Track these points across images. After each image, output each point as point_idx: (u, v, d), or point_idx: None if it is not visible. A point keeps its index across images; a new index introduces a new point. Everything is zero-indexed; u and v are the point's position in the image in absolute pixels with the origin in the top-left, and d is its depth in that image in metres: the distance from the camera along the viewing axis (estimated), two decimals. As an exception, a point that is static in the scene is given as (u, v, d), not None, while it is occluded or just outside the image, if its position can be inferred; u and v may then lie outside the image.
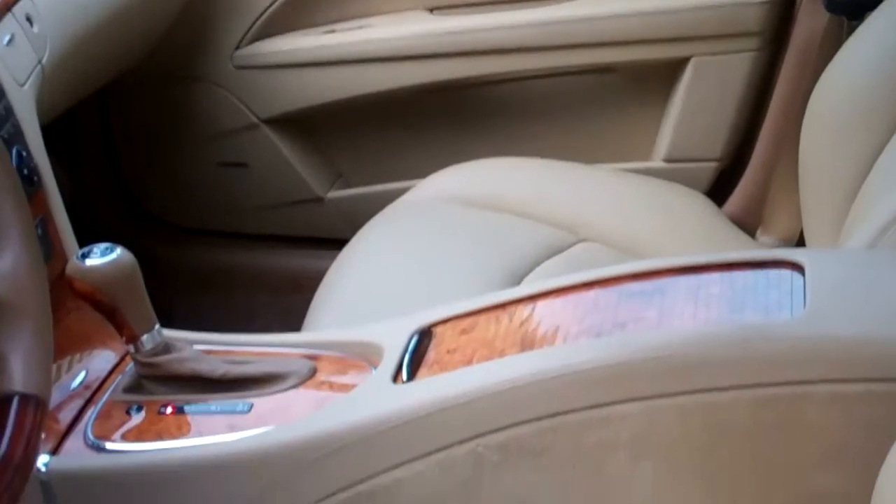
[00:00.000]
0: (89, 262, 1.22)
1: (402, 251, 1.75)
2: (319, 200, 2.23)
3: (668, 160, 2.08)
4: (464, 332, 1.23)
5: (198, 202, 2.30)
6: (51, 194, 1.40)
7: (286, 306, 1.80)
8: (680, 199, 1.95)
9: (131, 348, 1.26)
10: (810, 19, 1.94)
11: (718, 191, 2.06)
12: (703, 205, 1.96)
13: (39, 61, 1.56)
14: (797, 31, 1.97)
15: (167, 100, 2.24)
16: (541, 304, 1.23)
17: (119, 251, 1.23)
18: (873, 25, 1.61)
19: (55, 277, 1.30)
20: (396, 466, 1.13)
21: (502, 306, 1.25)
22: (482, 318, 1.25)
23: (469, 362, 1.17)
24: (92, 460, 1.20)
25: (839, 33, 1.85)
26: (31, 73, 1.52)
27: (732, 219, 1.96)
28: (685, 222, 1.89)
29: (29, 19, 1.57)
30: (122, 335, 1.25)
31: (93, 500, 1.19)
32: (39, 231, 1.36)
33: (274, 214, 2.27)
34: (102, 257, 1.23)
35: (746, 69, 2.01)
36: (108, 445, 1.21)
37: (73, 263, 1.23)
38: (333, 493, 1.14)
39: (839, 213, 1.51)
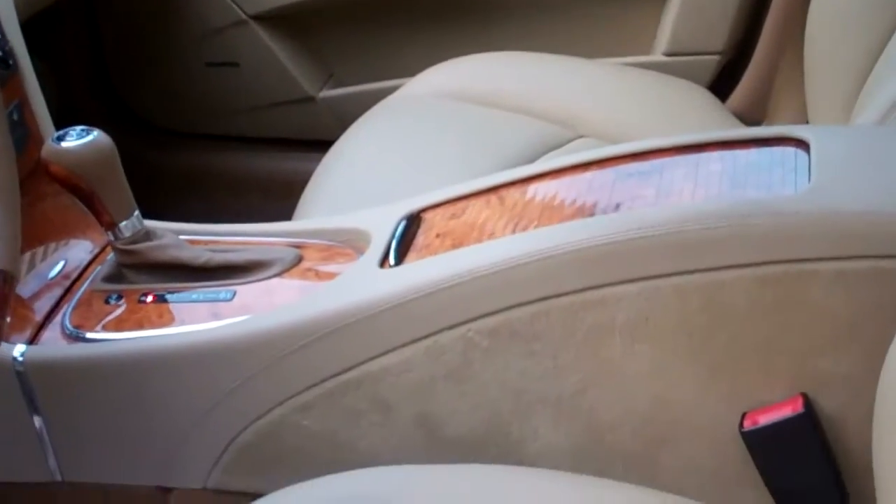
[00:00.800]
0: (65, 144, 1.18)
1: (393, 145, 1.70)
2: (311, 100, 2.19)
3: (668, 53, 2.03)
4: (453, 216, 1.19)
5: (186, 104, 2.25)
6: (27, 78, 1.35)
7: (277, 210, 1.75)
8: (681, 94, 1.90)
9: (110, 235, 1.22)
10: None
11: (721, 84, 2.00)
12: (706, 99, 1.91)
13: None
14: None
15: None
16: (533, 186, 1.19)
17: (96, 133, 1.19)
18: None
19: (32, 163, 1.27)
20: (383, 353, 1.09)
21: (493, 189, 1.21)
22: (472, 202, 1.21)
23: (459, 246, 1.13)
24: (70, 350, 1.17)
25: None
26: None
27: (736, 113, 1.91)
28: (687, 117, 1.84)
29: None
30: (100, 222, 1.21)
31: (71, 391, 1.16)
32: (15, 116, 1.32)
33: (264, 115, 2.22)
34: (78, 139, 1.18)
35: None
36: (87, 335, 1.18)
37: (48, 146, 1.19)
38: (318, 383, 1.11)
39: (847, 103, 1.46)
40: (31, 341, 1.18)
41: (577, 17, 2.09)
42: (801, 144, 1.12)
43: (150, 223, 1.26)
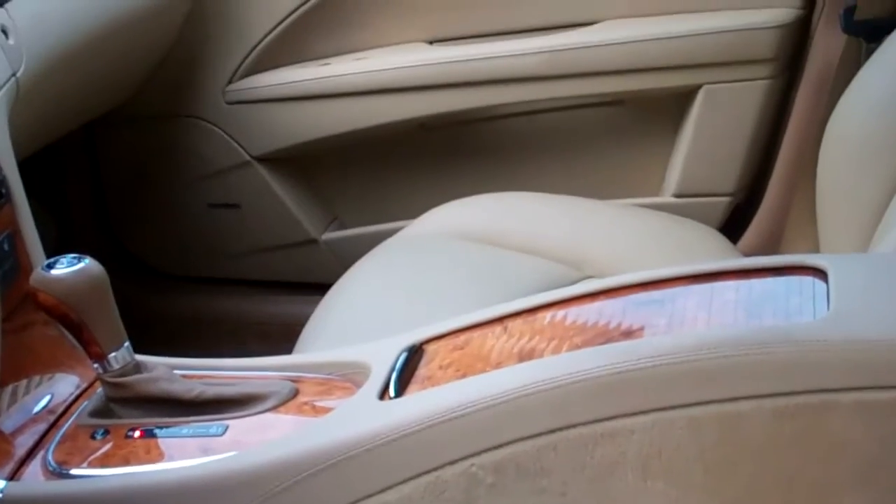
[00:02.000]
0: (54, 272, 1.15)
1: (395, 283, 1.67)
2: (314, 242, 2.17)
3: (679, 195, 2.01)
4: (457, 347, 1.15)
5: (187, 246, 2.23)
6: (20, 208, 1.33)
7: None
8: (692, 235, 1.88)
9: (99, 367, 1.18)
10: (827, 43, 1.89)
11: (733, 226, 1.99)
12: (717, 241, 1.88)
13: (14, 74, 1.51)
14: (813, 55, 1.91)
15: (156, 138, 2.17)
16: (540, 316, 1.15)
17: (87, 261, 1.16)
18: (892, 47, 1.55)
19: (21, 295, 1.24)
20: (381, 490, 1.04)
21: (499, 320, 1.17)
22: (477, 332, 1.16)
23: (463, 377, 1.08)
24: (52, 487, 1.12)
25: (857, 57, 1.80)
26: (4, 85, 1.47)
27: (748, 256, 1.88)
28: (698, 259, 1.81)
29: (3, 30, 1.53)
30: (88, 353, 1.17)
31: (52, 530, 1.10)
32: (6, 246, 1.29)
33: (266, 258, 2.20)
34: (69, 267, 1.15)
35: (760, 97, 1.95)
36: (71, 471, 1.13)
37: (37, 274, 1.15)
38: None
39: (861, 243, 1.43)
40: (12, 477, 1.13)
41: (585, 158, 2.08)
42: (819, 273, 1.09)
43: (142, 357, 1.22)
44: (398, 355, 1.15)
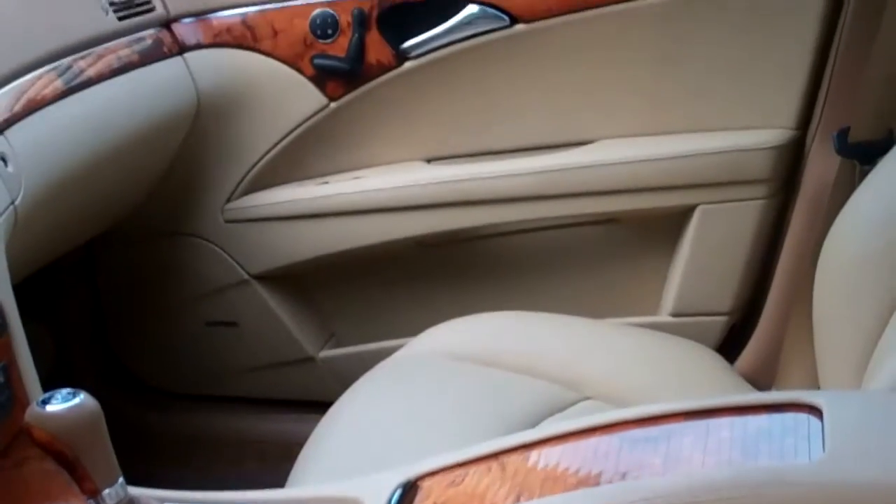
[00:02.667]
0: (50, 408, 1.15)
1: (392, 407, 1.67)
2: (311, 360, 2.17)
3: (675, 314, 2.02)
4: (453, 483, 1.15)
5: (185, 364, 2.23)
6: (16, 339, 1.33)
7: (273, 476, 1.71)
8: (689, 356, 1.88)
9: (93, 503, 1.17)
10: (821, 165, 1.90)
11: (729, 346, 1.99)
12: (714, 361, 1.88)
13: (12, 202, 1.52)
14: (807, 177, 1.93)
15: (155, 256, 2.19)
16: (535, 453, 1.15)
17: (82, 397, 1.16)
18: (886, 169, 1.57)
19: (17, 427, 1.23)
20: None
21: (495, 455, 1.17)
22: (472, 468, 1.16)
23: (457, 517, 1.08)
24: None
25: (851, 179, 1.81)
26: (2, 213, 1.47)
27: (745, 376, 1.88)
28: (695, 379, 1.81)
29: (3, 158, 1.53)
30: (82, 489, 1.17)
31: None
32: (1, 378, 1.29)
33: (264, 376, 2.20)
34: (64, 403, 1.15)
35: (756, 217, 1.97)
36: None
37: (32, 410, 1.15)
38: None
39: (858, 366, 1.44)
40: None
41: (581, 276, 2.09)
42: (814, 411, 1.09)
43: (135, 490, 1.21)
44: (392, 492, 1.15)
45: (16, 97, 1.60)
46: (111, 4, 1.89)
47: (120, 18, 1.90)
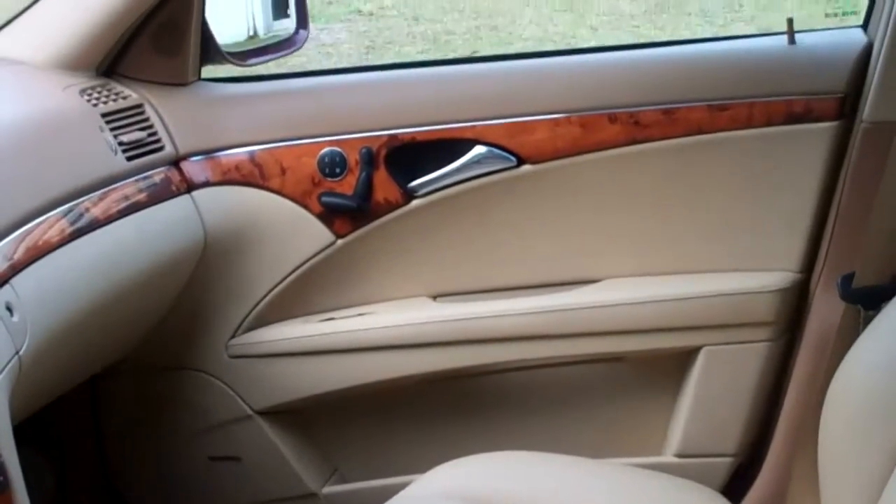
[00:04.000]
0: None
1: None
2: (314, 496, 2.16)
3: (680, 455, 2.02)
4: None
5: (187, 498, 2.22)
6: (17, 495, 1.33)
7: None
8: (693, 498, 1.87)
9: None
10: (825, 309, 1.91)
11: (735, 488, 1.98)
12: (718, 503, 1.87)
13: (17, 353, 1.49)
14: (812, 320, 1.94)
15: (158, 390, 2.18)
16: None
17: None
18: (890, 316, 1.58)
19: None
20: None
21: None
22: None
23: None
24: None
25: (855, 323, 1.82)
26: (6, 365, 1.45)
27: (750, 519, 1.88)
28: None
29: (9, 308, 1.50)
30: None
31: None
32: (3, 531, 1.29)
33: (265, 512, 2.19)
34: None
35: (760, 359, 1.98)
36: None
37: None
38: None
39: (865, 510, 1.44)
40: None
41: (586, 415, 2.09)
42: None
43: None
44: None
45: (23, 243, 1.59)
46: (120, 144, 1.90)
47: (129, 158, 1.91)
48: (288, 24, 2.24)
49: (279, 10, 2.30)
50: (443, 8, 7.30)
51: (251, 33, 2.29)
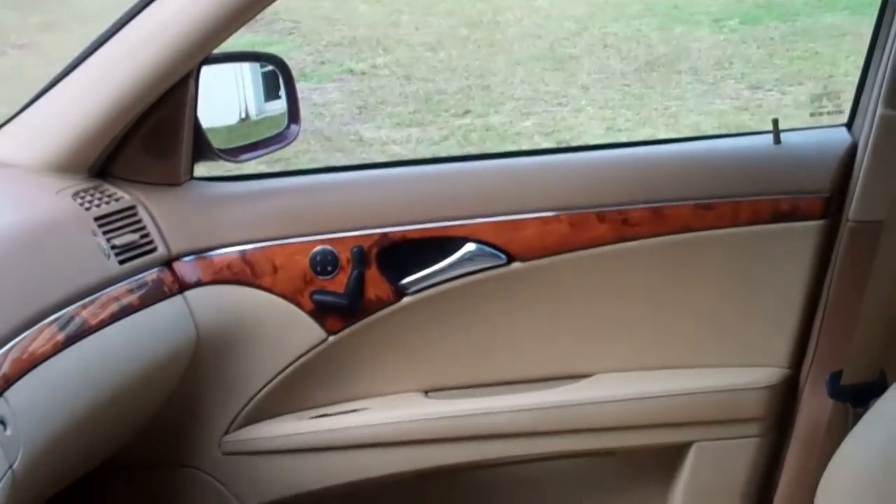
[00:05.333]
0: None
1: None
2: None
3: None
4: None
5: None
6: None
7: None
8: None
9: None
10: (814, 405, 1.94)
11: None
12: None
13: (10, 467, 1.50)
14: (801, 417, 1.96)
15: (149, 487, 2.18)
16: None
17: None
18: (879, 412, 1.60)
19: None
20: None
21: None
22: None
23: None
24: None
25: (844, 420, 1.84)
26: (0, 479, 1.47)
27: None
28: None
29: (2, 421, 1.51)
30: None
31: None
32: None
33: None
34: None
35: (750, 455, 2.01)
36: None
37: None
38: None
39: None
40: None
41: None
42: None
43: None
44: None
45: (14, 355, 1.60)
46: (113, 248, 1.90)
47: (121, 262, 1.91)
48: (279, 105, 2.25)
49: (270, 93, 2.32)
50: (434, 67, 7.37)
51: (243, 116, 2.30)
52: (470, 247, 2.05)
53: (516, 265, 2.04)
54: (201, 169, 2.15)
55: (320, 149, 6.18)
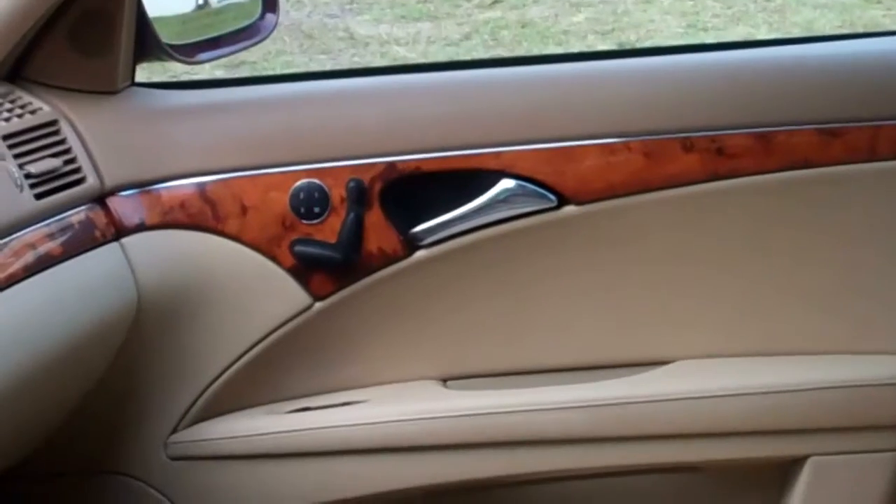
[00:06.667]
0: None
1: None
2: None
3: None
4: None
5: None
6: None
7: None
8: None
9: None
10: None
11: None
12: None
13: None
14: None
15: (75, 501, 2.18)
16: None
17: None
18: None
19: None
20: None
21: None
22: None
23: None
24: None
25: None
26: None
27: None
28: None
29: None
30: None
31: None
32: None
33: None
34: None
35: (886, 475, 2.00)
36: None
37: None
38: None
39: None
40: None
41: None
42: None
43: None
44: None
45: None
46: (27, 177, 1.89)
47: (38, 196, 1.90)
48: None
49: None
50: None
51: (200, 2, 2.29)
52: (507, 183, 2.04)
53: (569, 209, 2.04)
54: (145, 72, 2.16)
55: (298, 49, 6.18)
